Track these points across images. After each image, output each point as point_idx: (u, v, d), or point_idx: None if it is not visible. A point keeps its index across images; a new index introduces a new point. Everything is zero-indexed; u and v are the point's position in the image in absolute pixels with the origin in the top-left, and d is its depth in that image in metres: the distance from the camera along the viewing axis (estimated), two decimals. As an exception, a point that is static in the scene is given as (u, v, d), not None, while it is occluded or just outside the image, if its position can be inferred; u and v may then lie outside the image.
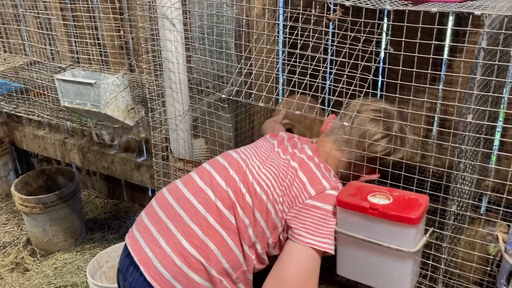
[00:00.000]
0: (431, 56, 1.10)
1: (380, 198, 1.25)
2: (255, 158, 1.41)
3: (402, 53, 1.17)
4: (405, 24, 1.14)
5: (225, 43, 1.80)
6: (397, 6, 1.16)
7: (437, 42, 1.15)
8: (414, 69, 1.17)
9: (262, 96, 1.39)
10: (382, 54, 2.02)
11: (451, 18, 2.08)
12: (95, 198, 3.61)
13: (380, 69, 2.08)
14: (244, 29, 1.67)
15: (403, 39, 1.15)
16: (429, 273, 1.34)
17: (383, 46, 2.00)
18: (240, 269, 1.34)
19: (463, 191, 1.33)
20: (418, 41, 1.12)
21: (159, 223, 1.35)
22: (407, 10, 1.14)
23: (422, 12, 1.15)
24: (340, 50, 1.36)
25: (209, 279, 1.30)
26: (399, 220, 1.19)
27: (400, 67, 1.18)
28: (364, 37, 1.31)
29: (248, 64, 1.46)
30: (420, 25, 1.14)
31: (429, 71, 1.10)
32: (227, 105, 1.45)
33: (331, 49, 1.36)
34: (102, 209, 3.50)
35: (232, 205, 1.32)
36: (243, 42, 1.51)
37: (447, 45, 2.01)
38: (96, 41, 2.03)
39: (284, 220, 1.33)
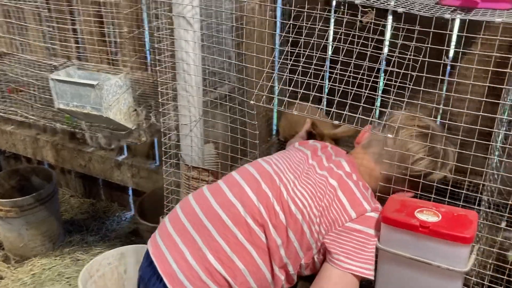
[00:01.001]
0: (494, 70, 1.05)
1: (428, 215, 1.20)
2: (289, 171, 1.32)
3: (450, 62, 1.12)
4: (465, 34, 1.08)
5: (223, 40, 1.70)
6: (455, 15, 1.10)
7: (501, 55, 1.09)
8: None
9: (284, 101, 1.31)
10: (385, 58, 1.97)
11: (457, 22, 2.05)
12: (70, 197, 3.43)
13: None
14: (255, 28, 1.57)
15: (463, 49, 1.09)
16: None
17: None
18: None
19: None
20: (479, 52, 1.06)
21: (184, 233, 1.27)
22: (467, 19, 1.08)
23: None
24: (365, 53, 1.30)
25: None
26: (452, 239, 1.14)
27: (458, 80, 1.12)
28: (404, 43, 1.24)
29: (267, 67, 1.37)
30: (481, 35, 1.09)
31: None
32: (254, 112, 1.35)
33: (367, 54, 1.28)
34: (78, 209, 3.32)
35: (263, 223, 1.24)
36: (267, 45, 1.41)
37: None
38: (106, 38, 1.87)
39: (321, 243, 1.26)
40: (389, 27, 1.81)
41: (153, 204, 2.61)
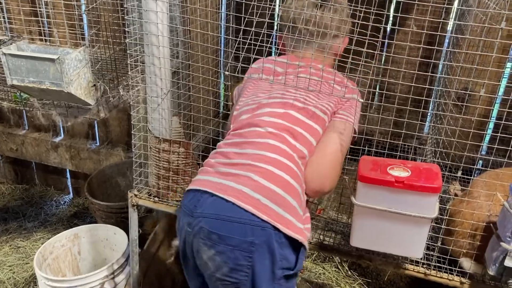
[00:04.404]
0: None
1: (399, 171, 1.32)
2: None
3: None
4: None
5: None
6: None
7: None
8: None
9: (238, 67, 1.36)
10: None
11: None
12: (-1, 184, 3.25)
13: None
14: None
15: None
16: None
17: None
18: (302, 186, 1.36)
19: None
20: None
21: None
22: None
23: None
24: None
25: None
26: (424, 190, 1.27)
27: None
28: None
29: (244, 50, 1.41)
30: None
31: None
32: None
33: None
34: (10, 196, 3.16)
35: (286, 128, 1.39)
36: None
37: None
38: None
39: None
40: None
41: (101, 184, 2.56)
